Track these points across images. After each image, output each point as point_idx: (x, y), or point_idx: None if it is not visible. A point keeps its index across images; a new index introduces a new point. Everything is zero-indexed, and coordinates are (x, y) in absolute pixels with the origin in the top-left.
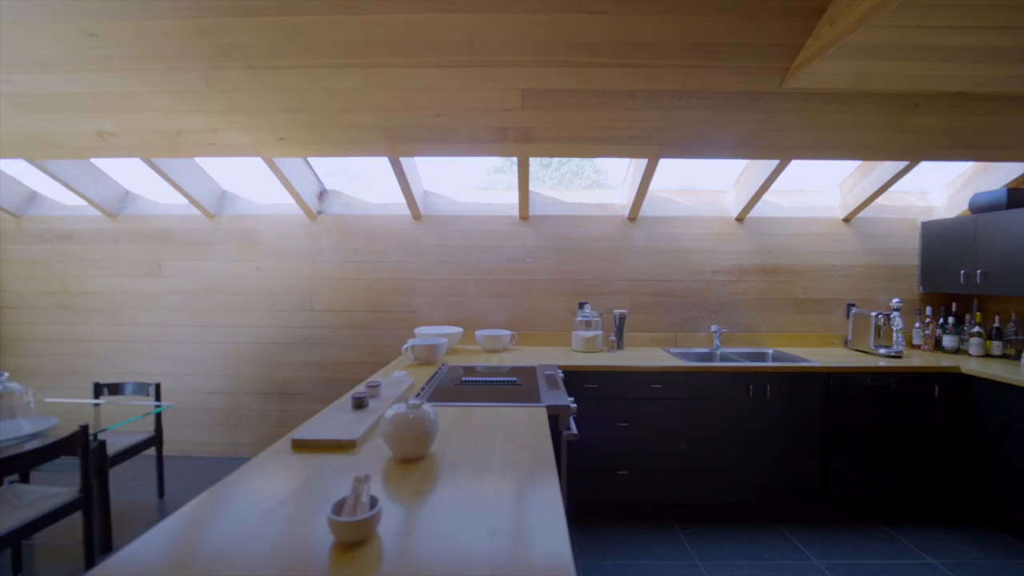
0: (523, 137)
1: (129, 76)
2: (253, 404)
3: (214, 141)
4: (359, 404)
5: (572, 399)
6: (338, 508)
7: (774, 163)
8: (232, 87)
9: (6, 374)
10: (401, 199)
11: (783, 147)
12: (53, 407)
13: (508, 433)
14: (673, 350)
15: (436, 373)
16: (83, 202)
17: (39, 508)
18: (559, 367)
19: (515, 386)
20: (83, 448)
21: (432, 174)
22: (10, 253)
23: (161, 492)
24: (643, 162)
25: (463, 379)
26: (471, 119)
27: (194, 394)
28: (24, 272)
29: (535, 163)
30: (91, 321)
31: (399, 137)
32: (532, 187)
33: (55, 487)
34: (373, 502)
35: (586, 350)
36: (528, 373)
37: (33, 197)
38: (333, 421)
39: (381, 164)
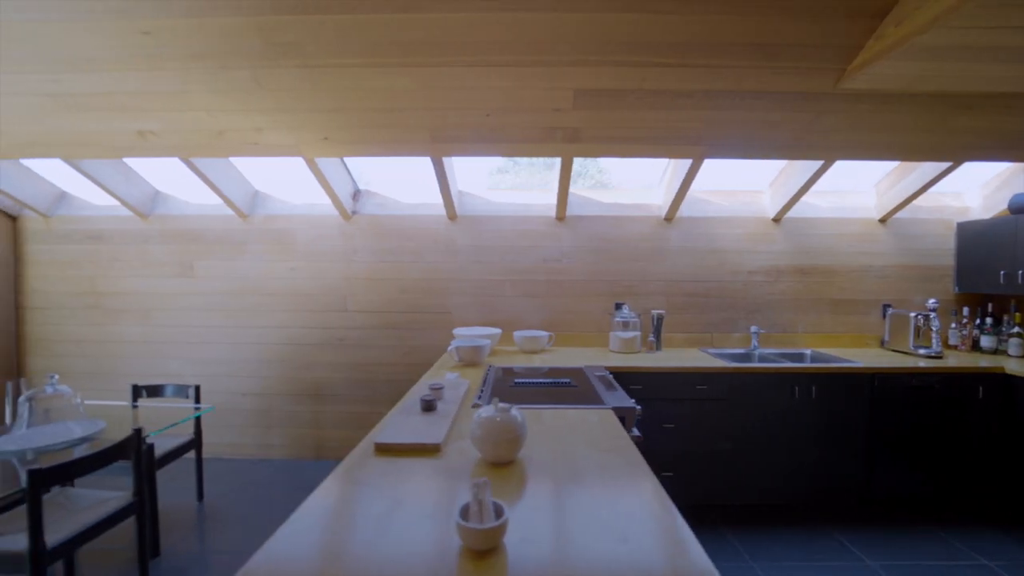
0: (571, 137)
1: (178, 75)
2: (285, 405)
3: (257, 141)
4: (428, 407)
5: (634, 401)
6: (464, 514)
7: (813, 164)
8: (282, 86)
9: (55, 376)
10: (435, 199)
11: (829, 147)
12: (91, 409)
13: (585, 436)
14: (711, 351)
15: (486, 375)
16: (113, 202)
17: (96, 513)
18: (606, 368)
19: (570, 387)
20: (136, 452)
21: (413, 171)
22: (39, 253)
23: (200, 495)
24: (682, 163)
25: (516, 380)
26: (520, 119)
27: (225, 395)
28: (53, 272)
29: (539, 163)
30: (121, 322)
31: (445, 137)
32: (536, 187)
33: (103, 491)
34: (497, 508)
35: (624, 351)
36: (577, 374)
37: (62, 197)
38: (407, 424)
39: (383, 165)
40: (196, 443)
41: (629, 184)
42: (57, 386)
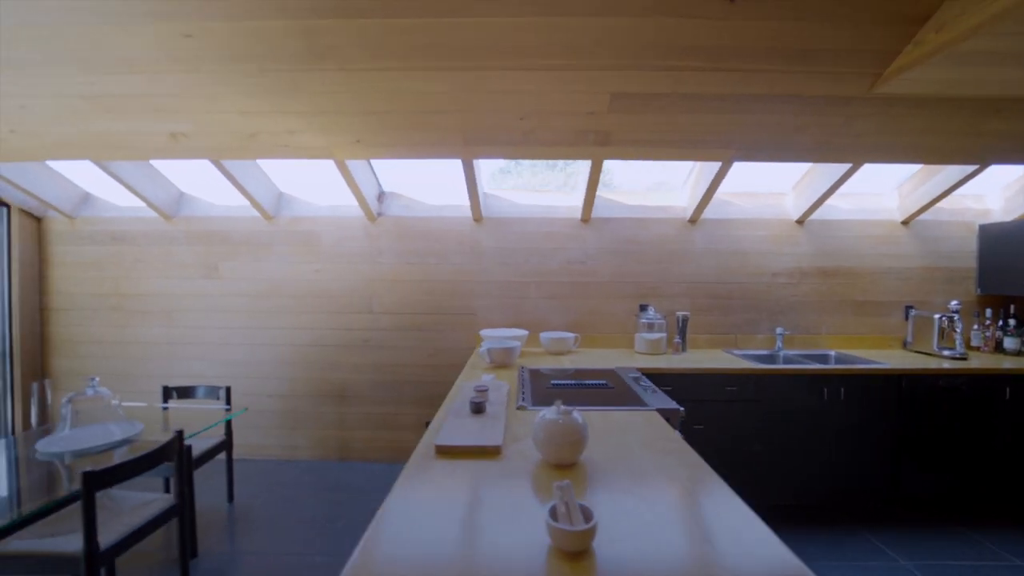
0: (602, 140)
1: (216, 77)
2: (310, 407)
3: (288, 143)
4: (478, 409)
5: (675, 402)
6: (552, 516)
7: (838, 167)
8: (319, 89)
9: (96, 379)
10: (459, 201)
11: (859, 151)
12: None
13: (636, 437)
14: (736, 352)
15: (520, 377)
16: (136, 203)
17: (142, 515)
18: (638, 369)
19: (607, 389)
20: (179, 454)
21: (434, 174)
22: (63, 255)
23: (231, 496)
24: (709, 165)
25: (552, 383)
26: (554, 122)
27: (250, 397)
28: (77, 274)
29: (541, 165)
30: (145, 323)
31: (477, 139)
32: (537, 189)
33: (143, 493)
34: (585, 510)
35: (651, 352)
36: (611, 376)
37: (86, 198)
38: (462, 426)
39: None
40: (227, 445)
41: (631, 186)
42: (97, 388)
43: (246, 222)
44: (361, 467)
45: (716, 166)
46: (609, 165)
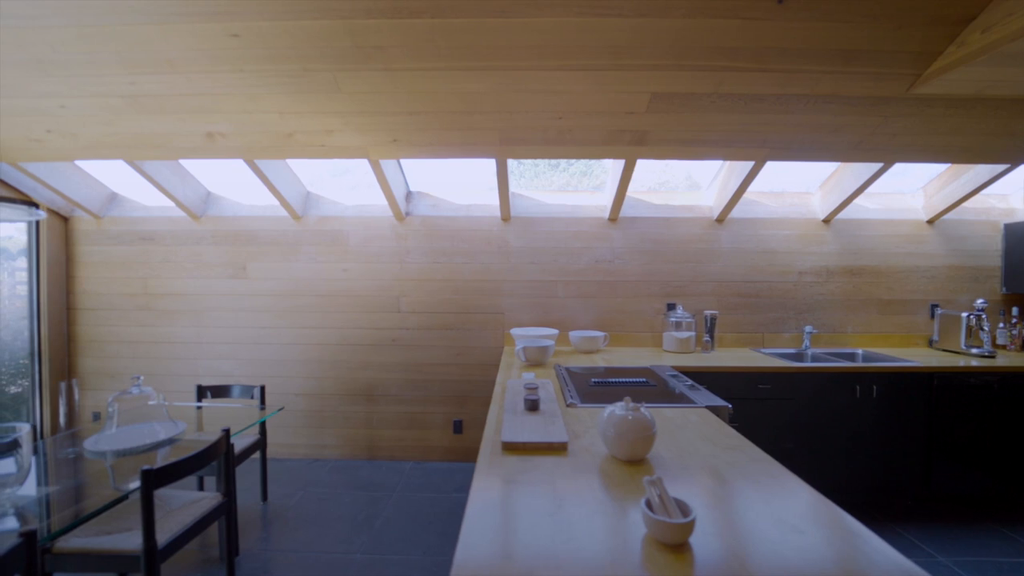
0: (637, 140)
1: (258, 77)
2: (338, 406)
3: (325, 143)
4: (533, 407)
5: (722, 400)
6: (649, 509)
7: (867, 166)
8: (361, 89)
9: (141, 378)
10: (486, 200)
11: (892, 150)
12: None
13: (695, 434)
14: (765, 350)
15: (559, 375)
16: (163, 203)
17: (192, 513)
18: (673, 368)
19: (650, 387)
20: (226, 453)
21: (436, 174)
22: (90, 255)
23: (264, 495)
24: (739, 165)
25: (594, 380)
26: (592, 122)
27: (278, 396)
28: (104, 274)
29: (543, 164)
30: (172, 323)
31: (513, 139)
32: (540, 188)
33: (190, 492)
34: (681, 504)
35: (679, 351)
36: (648, 374)
37: (113, 198)
38: (523, 423)
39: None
40: (262, 444)
41: (633, 186)
42: (143, 387)
43: (274, 222)
44: (389, 466)
45: (745, 165)
46: (608, 165)
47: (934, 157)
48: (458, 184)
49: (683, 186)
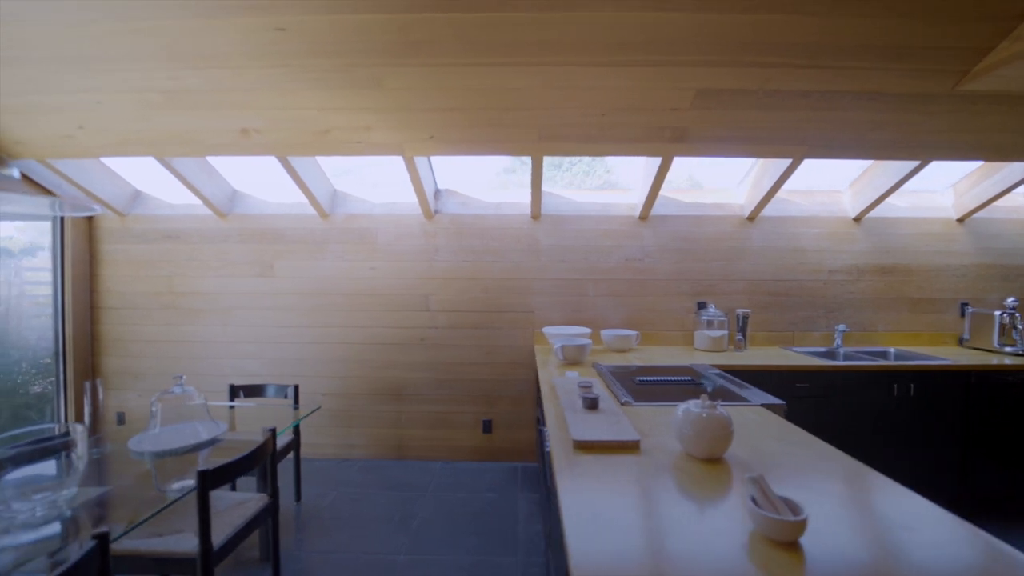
0: (677, 137)
1: (300, 72)
2: (366, 405)
3: (361, 139)
4: (592, 405)
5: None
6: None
7: (901, 164)
8: (402, 85)
9: (183, 377)
10: (515, 199)
11: (930, 148)
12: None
13: (760, 432)
14: (796, 349)
15: (601, 373)
16: (188, 201)
17: (242, 514)
18: (714, 366)
19: (697, 385)
20: (272, 453)
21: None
22: (114, 253)
23: (298, 495)
24: (772, 163)
25: (638, 379)
26: (634, 118)
27: (305, 396)
28: (128, 272)
29: (548, 163)
30: (198, 322)
31: (552, 136)
32: (543, 188)
33: (236, 493)
34: (789, 502)
35: (712, 349)
36: (691, 372)
37: (137, 196)
38: (588, 422)
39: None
40: (296, 444)
41: (633, 184)
42: (185, 387)
43: (301, 220)
44: (419, 465)
45: (778, 163)
46: (614, 163)
47: (973, 154)
48: (479, 183)
49: (686, 185)
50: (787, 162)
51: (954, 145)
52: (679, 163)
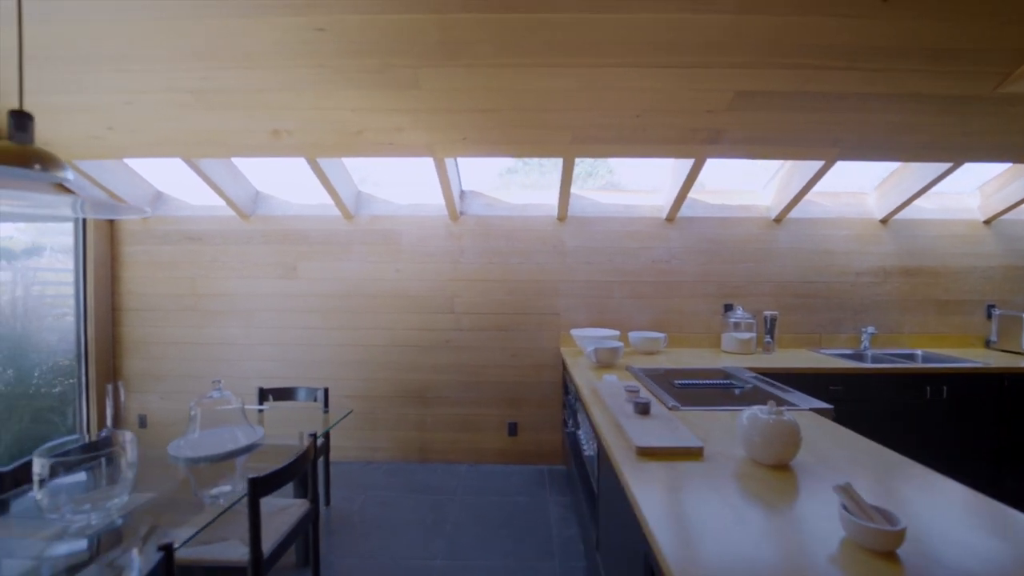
0: (711, 139)
1: (337, 72)
2: (391, 408)
3: (393, 141)
4: (644, 410)
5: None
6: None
7: (930, 167)
8: (440, 85)
9: (221, 381)
10: (542, 200)
11: (963, 150)
12: (223, 414)
13: (817, 437)
14: (824, 351)
15: (639, 377)
16: (210, 203)
17: (286, 521)
18: (749, 369)
19: (739, 389)
20: (315, 458)
21: (430, 172)
22: (135, 255)
23: (327, 499)
24: (801, 164)
25: (676, 382)
26: (669, 120)
27: (329, 398)
28: (150, 274)
29: (547, 163)
30: (220, 324)
31: (586, 138)
32: (543, 189)
33: (278, 499)
34: (882, 511)
35: (740, 352)
36: (725, 375)
37: (159, 197)
38: (645, 428)
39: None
40: (325, 448)
41: (635, 185)
42: (223, 391)
43: (325, 221)
44: (444, 468)
45: (808, 165)
46: (615, 164)
47: (1008, 156)
48: (469, 182)
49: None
50: (816, 164)
51: (989, 147)
52: (685, 165)
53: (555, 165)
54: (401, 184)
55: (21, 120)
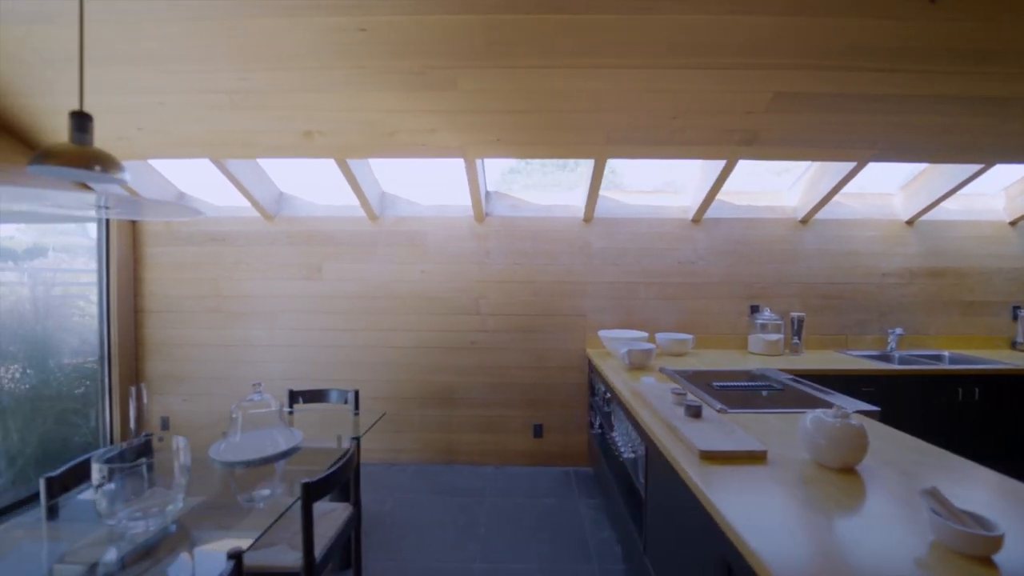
0: (746, 140)
1: (376, 73)
2: (415, 409)
3: (426, 142)
4: (696, 413)
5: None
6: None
7: (958, 168)
8: (477, 87)
9: (260, 384)
10: (566, 201)
11: (997, 152)
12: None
13: (872, 439)
14: (851, 352)
15: (675, 379)
16: (234, 204)
17: (332, 525)
18: (783, 370)
19: (780, 391)
20: (357, 463)
21: (442, 173)
22: (158, 256)
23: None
24: (831, 166)
25: (714, 384)
26: (706, 121)
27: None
28: (173, 275)
29: (551, 164)
30: (244, 325)
31: (620, 139)
32: (545, 189)
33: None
34: (976, 516)
35: (768, 353)
36: (761, 377)
37: (181, 198)
38: (703, 432)
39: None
40: (356, 450)
41: (637, 186)
42: (263, 394)
43: (350, 222)
44: (469, 470)
45: (838, 166)
46: (617, 165)
47: None
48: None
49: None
50: (846, 165)
51: (1020, 148)
52: (686, 163)
53: (557, 165)
54: (420, 184)
55: (81, 121)
